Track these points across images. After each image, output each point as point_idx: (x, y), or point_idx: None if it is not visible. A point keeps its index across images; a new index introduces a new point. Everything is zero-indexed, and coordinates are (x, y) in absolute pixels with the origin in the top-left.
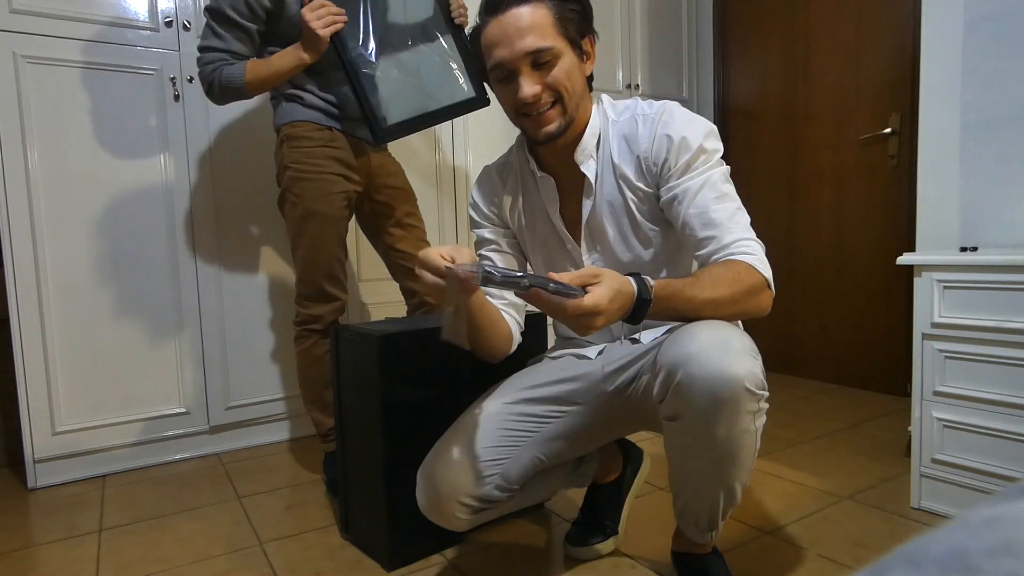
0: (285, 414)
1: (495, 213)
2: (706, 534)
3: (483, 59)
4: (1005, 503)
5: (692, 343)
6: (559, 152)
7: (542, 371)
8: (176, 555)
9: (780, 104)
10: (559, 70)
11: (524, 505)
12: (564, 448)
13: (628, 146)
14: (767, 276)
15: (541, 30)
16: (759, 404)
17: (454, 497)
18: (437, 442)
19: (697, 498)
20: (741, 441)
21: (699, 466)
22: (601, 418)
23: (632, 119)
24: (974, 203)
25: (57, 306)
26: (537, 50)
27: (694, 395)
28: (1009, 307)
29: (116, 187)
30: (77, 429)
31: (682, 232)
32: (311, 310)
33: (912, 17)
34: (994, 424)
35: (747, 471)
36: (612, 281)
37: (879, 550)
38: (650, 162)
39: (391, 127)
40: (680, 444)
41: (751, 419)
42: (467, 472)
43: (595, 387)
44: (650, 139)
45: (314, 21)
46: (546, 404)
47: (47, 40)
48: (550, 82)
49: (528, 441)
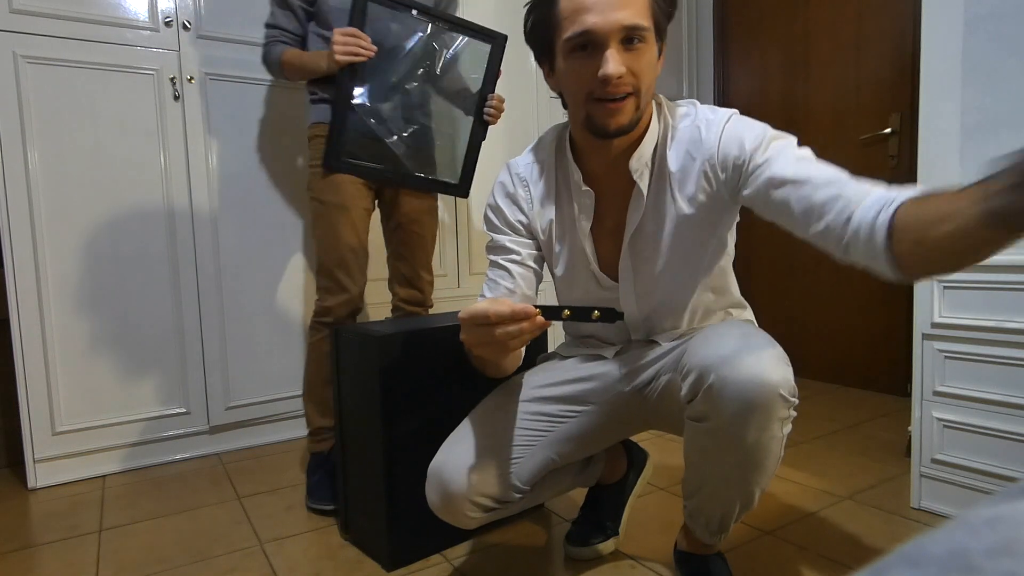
0: (285, 414)
1: (522, 223)
2: (715, 536)
3: (551, 29)
4: (1005, 503)
5: (724, 346)
6: (611, 159)
7: (556, 370)
8: (176, 555)
9: (780, 104)
10: (646, 58)
11: (531, 505)
12: (576, 448)
13: (690, 153)
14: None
15: (638, 6)
16: (790, 412)
17: (467, 496)
18: (448, 439)
19: (713, 500)
20: (769, 447)
21: (720, 469)
22: (615, 418)
23: (694, 126)
24: None
25: (57, 306)
26: (634, 26)
27: (726, 399)
28: (1009, 307)
29: (116, 187)
30: (77, 429)
31: (784, 212)
32: (325, 301)
33: (912, 17)
34: (994, 424)
35: (769, 478)
36: None
37: (879, 550)
38: (718, 162)
39: (347, 162)
40: (704, 446)
41: (780, 426)
42: (481, 471)
43: (611, 387)
44: (716, 141)
45: (338, 45)
46: (561, 403)
47: (47, 40)
48: (635, 67)
49: (542, 441)
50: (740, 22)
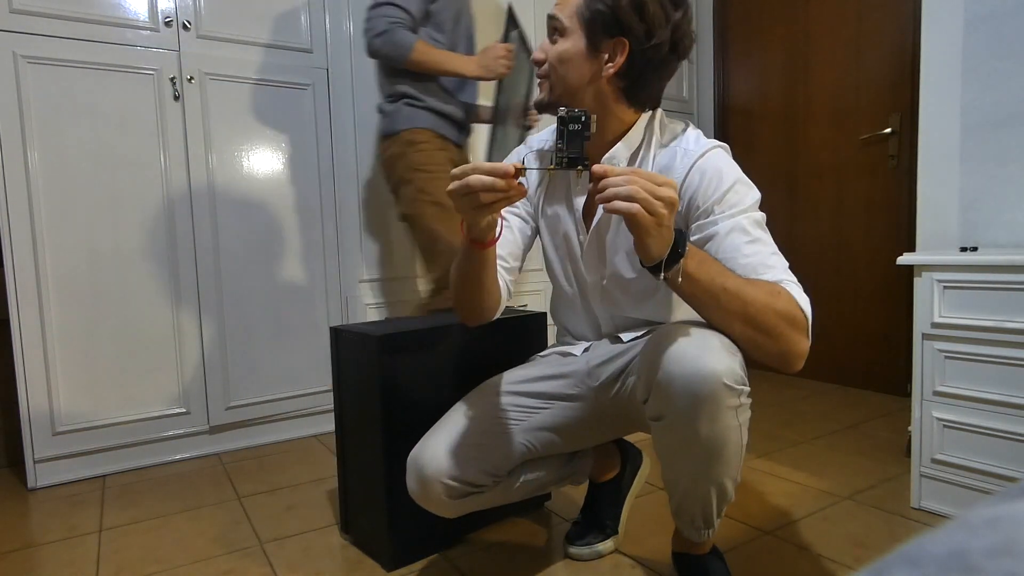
0: (285, 414)
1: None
2: (702, 532)
3: None
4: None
5: (669, 342)
6: (596, 150)
7: (531, 369)
8: (176, 555)
9: (780, 104)
10: (557, 48)
11: (519, 498)
12: (554, 441)
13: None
14: (808, 316)
15: (567, 5)
16: (740, 399)
17: (437, 478)
18: (428, 430)
19: (689, 497)
20: (726, 437)
21: (687, 465)
22: (591, 416)
23: (673, 151)
24: (974, 203)
25: (57, 306)
26: (551, 16)
27: (673, 394)
28: (1009, 307)
29: (116, 187)
30: (77, 429)
31: None
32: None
33: (912, 17)
34: (994, 424)
35: (736, 467)
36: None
37: (879, 550)
38: (679, 191)
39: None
40: (667, 444)
41: (733, 414)
42: (453, 455)
43: (580, 382)
44: (684, 172)
45: (502, 59)
46: (534, 398)
47: (47, 40)
48: (549, 55)
49: (515, 428)
50: (740, 22)
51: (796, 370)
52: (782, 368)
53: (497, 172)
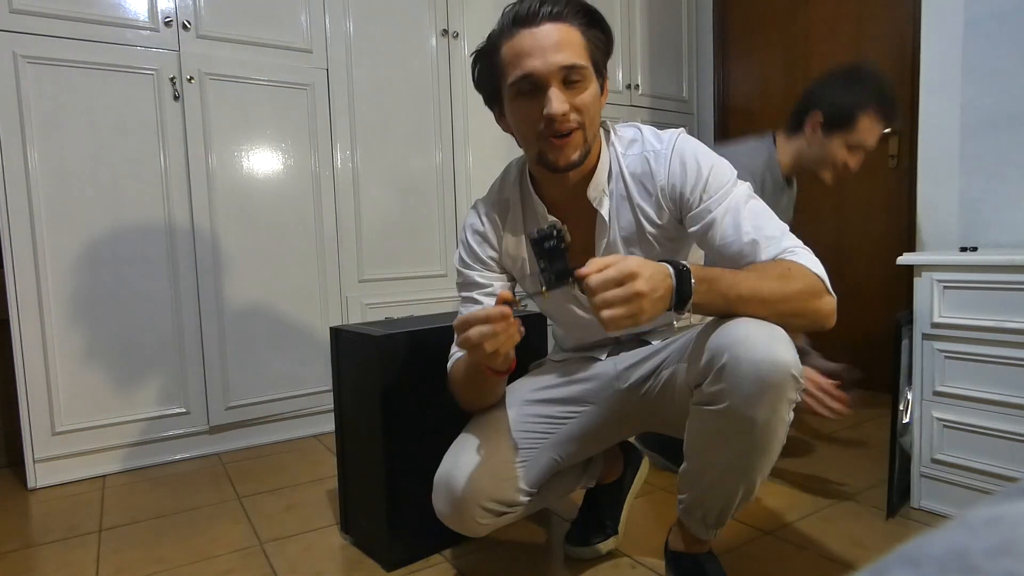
0: (285, 414)
1: (492, 258)
2: (711, 531)
3: (497, 76)
4: (1005, 503)
5: (738, 330)
6: (569, 189)
7: (552, 373)
8: (176, 555)
9: (780, 104)
10: (587, 94)
11: (537, 509)
12: (578, 449)
13: (645, 186)
14: (822, 277)
15: (575, 48)
16: (797, 395)
17: (476, 502)
18: (452, 446)
19: (714, 490)
20: (776, 429)
21: (725, 455)
22: (614, 417)
23: (643, 157)
24: (974, 203)
25: (57, 306)
26: (572, 66)
27: (740, 377)
28: (1009, 307)
29: (116, 187)
30: (77, 429)
31: (720, 259)
32: None
33: (912, 17)
34: (994, 424)
35: (770, 465)
36: (636, 259)
37: (879, 550)
38: (667, 192)
39: None
40: (710, 431)
41: (788, 408)
42: (488, 476)
43: (608, 385)
44: (666, 171)
45: None
46: (561, 405)
47: (47, 40)
48: (578, 104)
49: (545, 443)
50: (740, 22)
51: (832, 326)
52: (821, 331)
53: (493, 317)
